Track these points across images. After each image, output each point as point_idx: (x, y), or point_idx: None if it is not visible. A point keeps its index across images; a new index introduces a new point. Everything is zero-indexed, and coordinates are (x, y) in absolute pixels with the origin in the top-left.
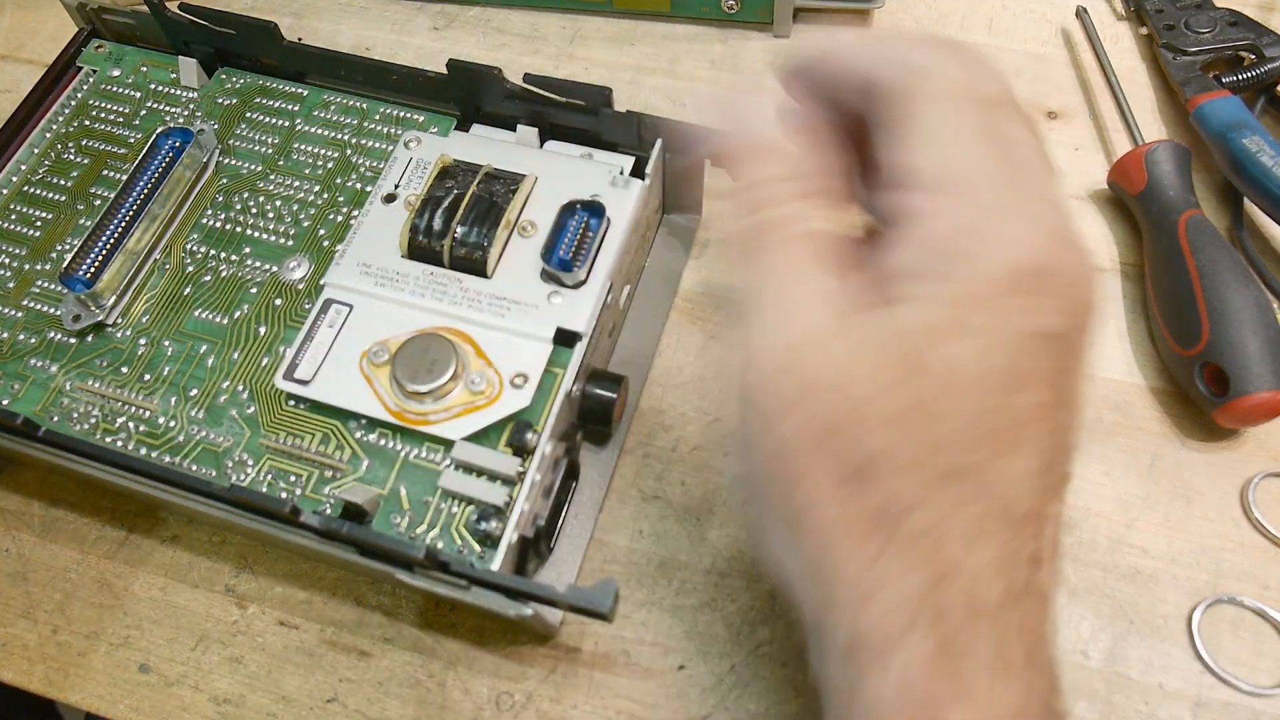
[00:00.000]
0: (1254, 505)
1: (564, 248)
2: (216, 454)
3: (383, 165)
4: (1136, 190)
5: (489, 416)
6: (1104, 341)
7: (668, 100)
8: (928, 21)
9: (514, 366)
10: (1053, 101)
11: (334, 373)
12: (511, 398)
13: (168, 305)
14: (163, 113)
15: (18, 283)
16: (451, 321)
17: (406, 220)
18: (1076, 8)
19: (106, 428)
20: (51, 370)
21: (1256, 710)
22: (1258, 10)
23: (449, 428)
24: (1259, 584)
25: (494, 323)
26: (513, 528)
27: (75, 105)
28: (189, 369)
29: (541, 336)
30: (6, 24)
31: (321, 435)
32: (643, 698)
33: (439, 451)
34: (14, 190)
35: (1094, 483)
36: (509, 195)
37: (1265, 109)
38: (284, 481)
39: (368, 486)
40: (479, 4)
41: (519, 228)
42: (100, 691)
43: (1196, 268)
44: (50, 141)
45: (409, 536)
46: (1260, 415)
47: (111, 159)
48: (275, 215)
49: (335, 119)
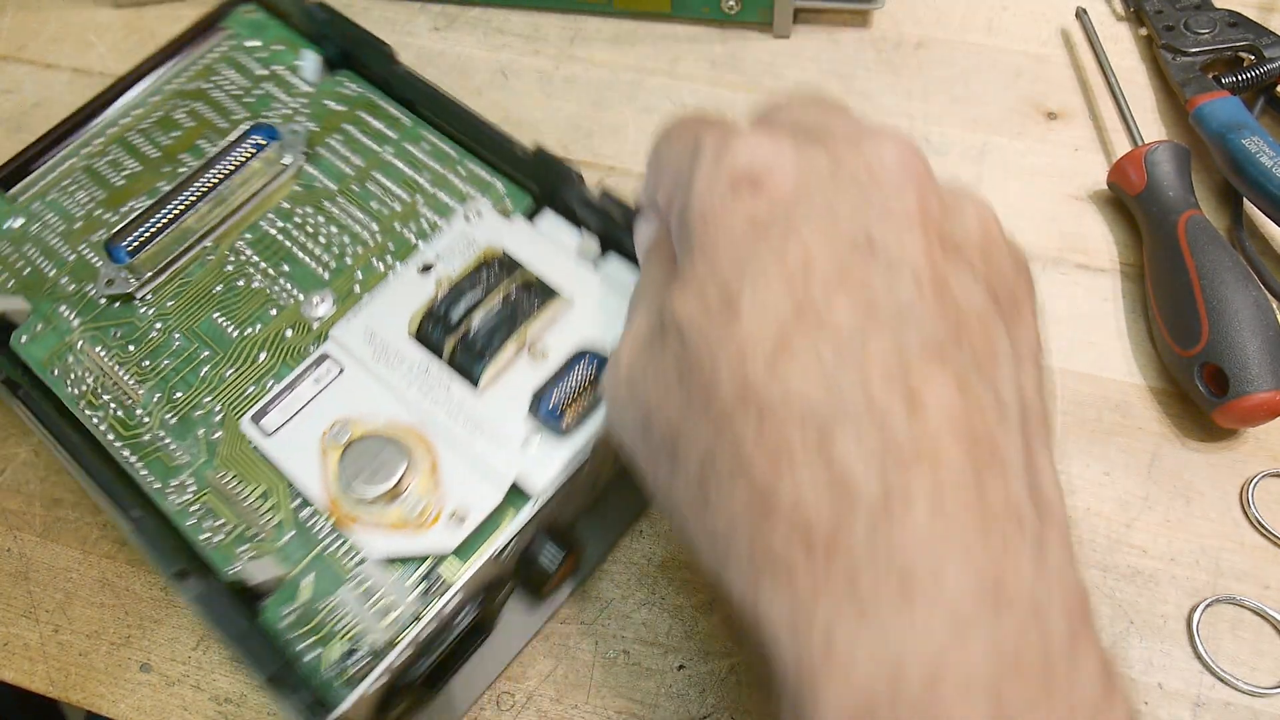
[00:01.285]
0: (1254, 505)
1: (557, 394)
2: (167, 467)
3: (443, 225)
4: (1136, 191)
5: (412, 545)
6: (1104, 341)
7: (668, 101)
8: (927, 22)
9: (459, 500)
10: (1053, 102)
11: (296, 435)
12: (441, 535)
13: (195, 298)
14: (274, 99)
15: (83, 225)
16: (424, 425)
17: (427, 301)
18: (1076, 8)
19: (91, 400)
20: (73, 324)
21: (1256, 710)
22: (1258, 11)
23: (370, 540)
24: (1259, 584)
25: (463, 443)
26: (378, 674)
27: (202, 65)
28: (183, 371)
29: (498, 480)
30: (7, 24)
31: (264, 490)
32: (643, 698)
33: (354, 558)
34: (117, 133)
35: (1094, 483)
36: (533, 311)
37: (1265, 109)
38: (209, 522)
39: (279, 564)
40: (479, 4)
41: (531, 349)
42: (102, 691)
43: (1196, 268)
44: (168, 95)
45: (285, 636)
46: (1260, 415)
47: (210, 131)
48: (325, 242)
49: (422, 159)
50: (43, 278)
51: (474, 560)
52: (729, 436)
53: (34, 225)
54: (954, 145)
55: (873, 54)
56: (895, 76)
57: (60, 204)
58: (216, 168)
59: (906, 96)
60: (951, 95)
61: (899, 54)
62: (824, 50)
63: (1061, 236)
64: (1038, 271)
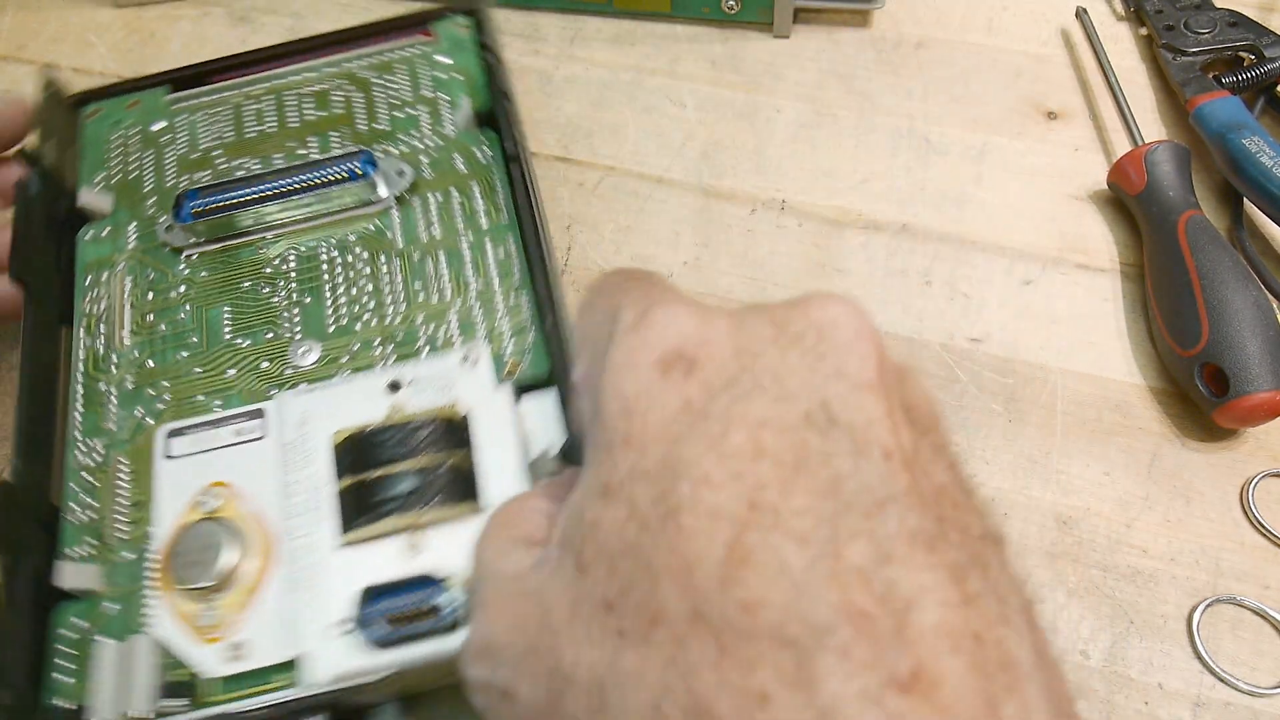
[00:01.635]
0: (1254, 505)
1: (387, 605)
2: (97, 425)
3: (457, 344)
4: (1136, 190)
5: (183, 648)
6: (1104, 341)
7: (668, 101)
8: (928, 22)
9: (250, 635)
10: (1053, 102)
11: (183, 474)
12: (210, 657)
13: (223, 283)
14: (417, 127)
15: (199, 159)
16: (279, 540)
17: (367, 421)
18: (1076, 8)
19: (89, 324)
20: (129, 246)
21: (1256, 710)
22: (1258, 10)
23: (161, 616)
24: (1259, 584)
25: (290, 584)
26: None
27: (386, 59)
28: (169, 345)
29: (289, 643)
30: (7, 24)
31: (138, 503)
32: None
33: (148, 619)
34: (280, 86)
35: (1094, 483)
36: (442, 502)
37: (1265, 109)
38: (84, 497)
39: (100, 578)
40: None
41: (413, 537)
42: None
43: (1196, 268)
44: (341, 73)
45: (55, 644)
46: (1260, 415)
47: (346, 126)
48: (354, 295)
49: (488, 265)
50: (137, 190)
51: (224, 703)
52: (680, 674)
53: (165, 136)
54: (954, 145)
55: (873, 54)
56: (895, 76)
57: (195, 129)
58: (306, 175)
59: (906, 96)
60: (951, 95)
61: (899, 54)
62: (824, 50)
63: (1061, 236)
64: (1038, 272)
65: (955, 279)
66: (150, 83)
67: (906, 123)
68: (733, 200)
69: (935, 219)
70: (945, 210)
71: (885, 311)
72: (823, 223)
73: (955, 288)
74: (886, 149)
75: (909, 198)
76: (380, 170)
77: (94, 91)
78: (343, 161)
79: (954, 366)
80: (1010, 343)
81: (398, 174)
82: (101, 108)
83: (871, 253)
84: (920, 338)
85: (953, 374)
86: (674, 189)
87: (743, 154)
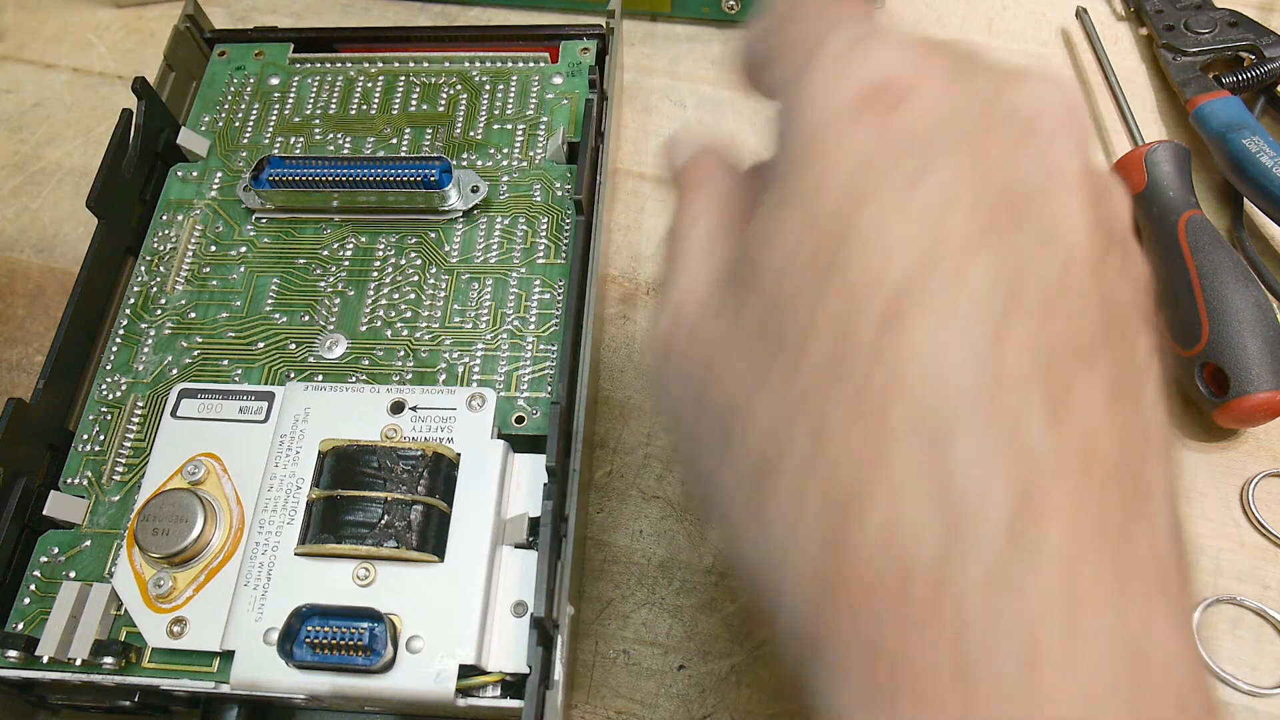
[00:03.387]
0: (1254, 505)
1: (315, 629)
2: (128, 362)
3: (475, 380)
4: (1136, 190)
5: (132, 607)
6: None
7: (668, 101)
8: (928, 22)
9: (198, 616)
10: None
11: (183, 435)
12: (150, 625)
13: (282, 254)
14: (510, 144)
15: (299, 123)
16: (249, 529)
17: (358, 438)
18: (1076, 8)
19: (151, 263)
20: (211, 193)
21: (1256, 710)
22: (1258, 10)
23: (122, 570)
24: (1259, 584)
25: (243, 578)
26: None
27: (504, 67)
28: (214, 301)
29: (224, 635)
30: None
31: (140, 449)
32: (643, 698)
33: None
34: (399, 70)
35: None
36: (402, 543)
37: (1265, 109)
38: (95, 431)
39: (84, 512)
40: (479, 4)
41: (366, 568)
42: None
43: (1196, 268)
44: (458, 70)
45: (31, 571)
46: (1260, 415)
47: (443, 125)
48: (394, 300)
49: (530, 302)
50: (234, 140)
51: (156, 674)
52: (811, 415)
53: (276, 94)
54: None
55: None
56: None
57: (304, 94)
58: (384, 169)
59: None
60: None
61: None
62: None
63: None
64: None
65: None
66: (279, 36)
67: None
68: None
69: None
70: None
71: None
72: None
73: None
74: None
75: None
76: (455, 181)
77: (227, 33)
78: (422, 165)
79: None
80: None
81: (472, 189)
82: (229, 51)
83: None
84: None
85: None
86: None
87: (742, 154)
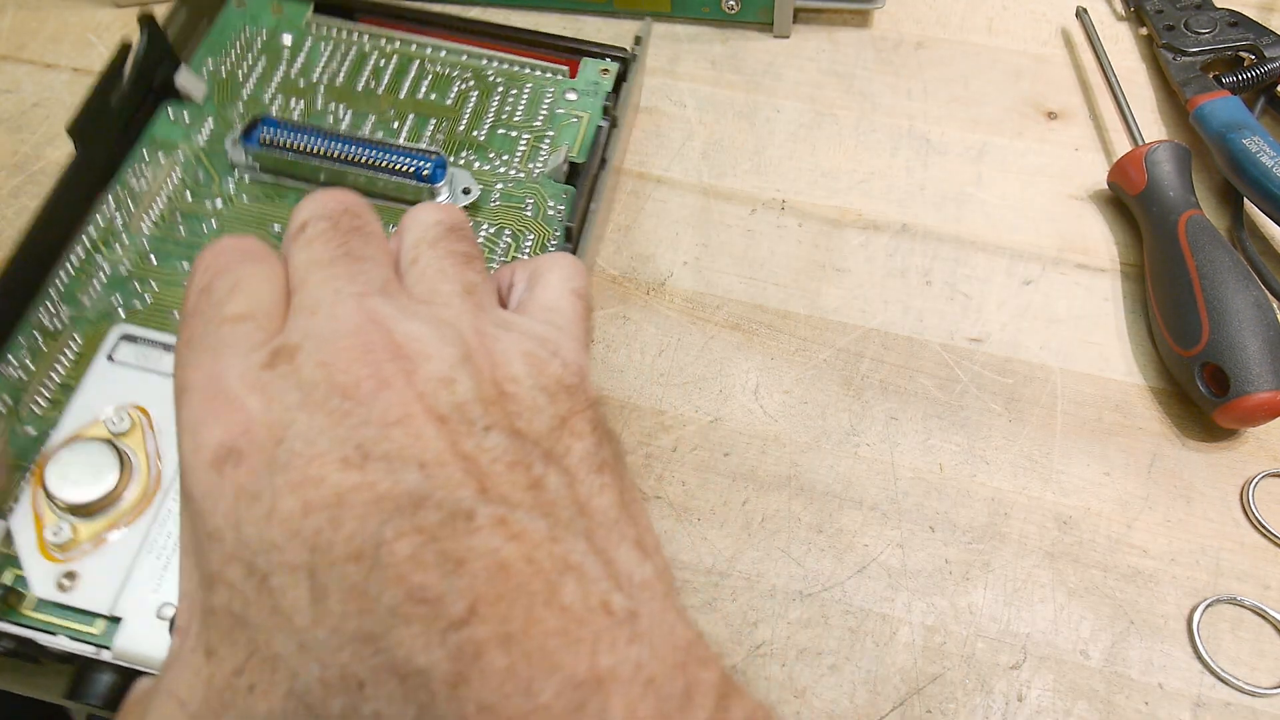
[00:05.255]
0: (1254, 505)
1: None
2: (75, 295)
3: None
4: (1136, 190)
5: (22, 553)
6: (1104, 341)
7: (668, 100)
8: (928, 22)
9: (90, 574)
10: (1053, 102)
11: (114, 380)
12: (39, 575)
13: (258, 218)
14: (513, 150)
15: (301, 88)
16: (164, 494)
17: None
18: (1076, 8)
19: (122, 199)
20: (200, 141)
21: (1256, 710)
22: (1258, 10)
23: (20, 510)
24: (1259, 584)
25: (146, 543)
26: None
27: (519, 73)
28: (178, 250)
29: (116, 602)
30: (7, 24)
31: (66, 386)
32: None
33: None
34: (412, 53)
35: (1094, 483)
36: None
37: (1265, 109)
38: (25, 357)
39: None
40: (479, 4)
41: None
42: None
43: (1196, 268)
44: (471, 66)
45: None
46: (1260, 415)
47: (448, 119)
48: None
49: None
50: (233, 91)
51: (36, 624)
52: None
53: (286, 52)
54: (954, 145)
55: (873, 54)
56: (895, 76)
57: (314, 58)
58: (377, 152)
59: (906, 96)
60: (951, 95)
61: (899, 54)
62: (824, 50)
63: (1061, 236)
64: (1038, 271)
65: (955, 279)
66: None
67: (906, 123)
68: (732, 200)
69: (935, 219)
70: (945, 210)
71: (885, 311)
72: (823, 222)
73: (955, 288)
74: (886, 149)
75: (909, 197)
76: (448, 179)
77: None
78: (418, 156)
79: (954, 366)
80: (1010, 343)
81: (464, 190)
82: (248, 1)
83: (871, 252)
84: (920, 338)
85: (953, 374)
86: (674, 189)
87: (743, 154)
